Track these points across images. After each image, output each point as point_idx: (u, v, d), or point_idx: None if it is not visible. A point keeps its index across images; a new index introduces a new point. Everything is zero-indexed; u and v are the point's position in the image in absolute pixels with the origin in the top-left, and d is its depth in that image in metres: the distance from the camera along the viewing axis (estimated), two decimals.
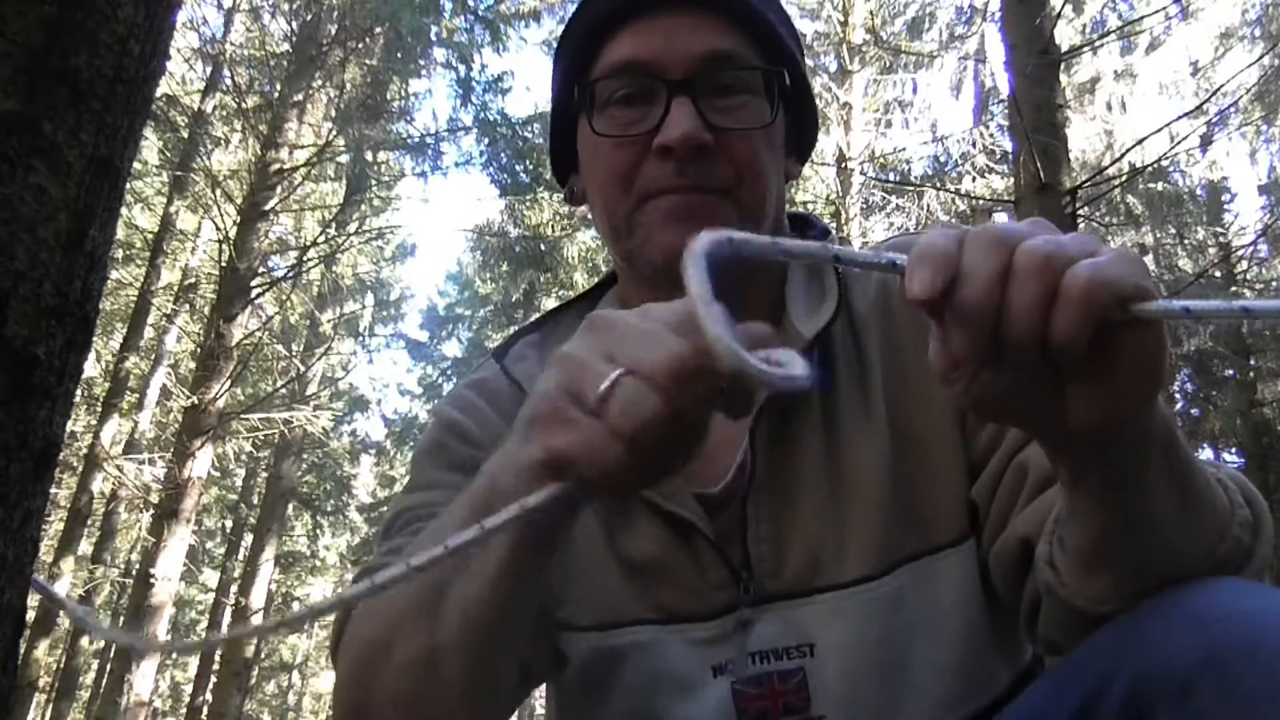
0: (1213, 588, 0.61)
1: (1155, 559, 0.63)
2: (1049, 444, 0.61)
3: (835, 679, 0.83)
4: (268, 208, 9.28)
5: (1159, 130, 6.51)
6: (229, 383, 8.74)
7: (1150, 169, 8.26)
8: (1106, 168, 6.59)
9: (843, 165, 10.87)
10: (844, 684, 0.83)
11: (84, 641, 10.64)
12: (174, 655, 21.61)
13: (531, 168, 11.16)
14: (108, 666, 10.50)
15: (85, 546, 11.19)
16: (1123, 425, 0.54)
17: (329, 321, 13.79)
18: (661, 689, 0.86)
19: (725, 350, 0.46)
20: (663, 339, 0.50)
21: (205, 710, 12.75)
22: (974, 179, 10.51)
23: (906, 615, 0.84)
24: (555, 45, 0.99)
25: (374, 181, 11.07)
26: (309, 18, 9.91)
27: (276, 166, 9.38)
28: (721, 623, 0.85)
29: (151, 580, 8.10)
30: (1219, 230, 11.70)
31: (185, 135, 10.13)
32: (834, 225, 11.01)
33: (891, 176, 11.78)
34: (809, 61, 11.11)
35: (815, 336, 0.89)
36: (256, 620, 12.98)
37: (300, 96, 9.74)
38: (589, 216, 1.00)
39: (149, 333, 11.51)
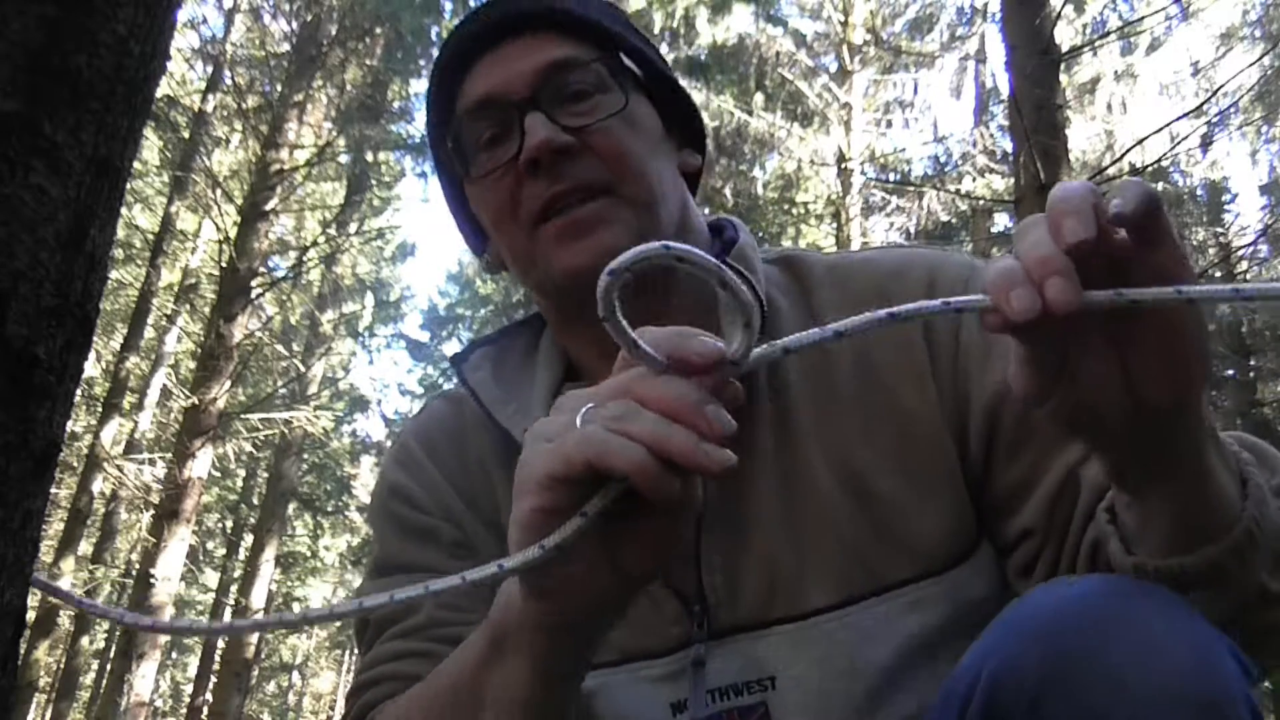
0: (1064, 593, 0.62)
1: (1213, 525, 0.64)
2: (1123, 442, 0.61)
3: (798, 713, 0.81)
4: (268, 208, 9.29)
5: (1159, 130, 6.52)
6: (229, 383, 8.75)
7: (1150, 169, 8.25)
8: (1106, 168, 6.59)
9: (843, 165, 10.87)
10: (809, 717, 0.80)
11: (84, 642, 10.64)
12: (173, 656, 21.61)
13: None
14: (108, 667, 10.51)
15: (85, 547, 11.19)
16: (1189, 401, 0.58)
17: (329, 321, 13.80)
18: None
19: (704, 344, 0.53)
20: (652, 384, 0.54)
21: (205, 710, 12.75)
22: (974, 179, 10.51)
23: (880, 646, 0.80)
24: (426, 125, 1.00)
25: (374, 181, 11.08)
26: (309, 18, 9.91)
27: (276, 166, 9.39)
28: (677, 659, 0.83)
29: (151, 581, 8.11)
30: (1219, 230, 11.71)
31: (185, 135, 10.13)
32: (835, 225, 11.02)
33: (892, 177, 11.79)
34: (808, 61, 11.11)
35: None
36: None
37: (300, 97, 9.74)
38: None
39: (149, 333, 11.51)
